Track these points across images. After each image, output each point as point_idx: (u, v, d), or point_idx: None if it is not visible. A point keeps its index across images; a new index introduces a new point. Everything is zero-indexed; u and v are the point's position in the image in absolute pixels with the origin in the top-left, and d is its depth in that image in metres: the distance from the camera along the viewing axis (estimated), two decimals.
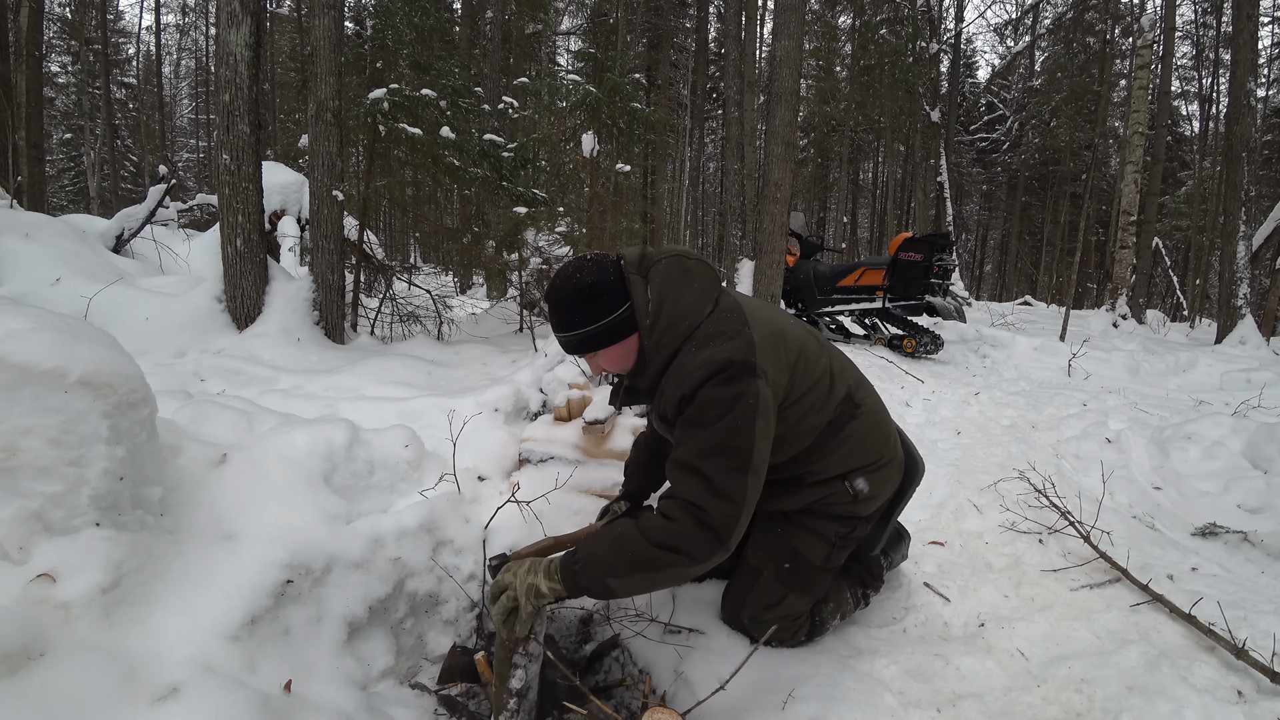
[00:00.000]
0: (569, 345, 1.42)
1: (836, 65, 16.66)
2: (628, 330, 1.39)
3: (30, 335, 1.09)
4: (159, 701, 1.04)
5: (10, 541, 1.07)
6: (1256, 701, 1.46)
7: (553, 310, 1.42)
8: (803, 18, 4.97)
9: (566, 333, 1.40)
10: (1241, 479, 2.72)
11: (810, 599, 1.59)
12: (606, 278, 1.37)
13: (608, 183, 3.67)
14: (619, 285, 1.38)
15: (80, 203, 19.77)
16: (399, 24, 5.21)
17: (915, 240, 5.41)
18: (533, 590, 1.28)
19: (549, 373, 2.61)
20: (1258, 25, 7.97)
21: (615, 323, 1.38)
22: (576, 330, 1.38)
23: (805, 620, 1.61)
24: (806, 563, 1.56)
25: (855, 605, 1.76)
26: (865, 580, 1.78)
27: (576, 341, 1.40)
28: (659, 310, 1.38)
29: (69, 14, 17.49)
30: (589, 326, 1.37)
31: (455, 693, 1.45)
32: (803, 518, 1.57)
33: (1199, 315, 12.65)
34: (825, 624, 1.65)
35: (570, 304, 1.37)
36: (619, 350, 1.42)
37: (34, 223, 4.06)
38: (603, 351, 1.42)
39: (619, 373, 1.49)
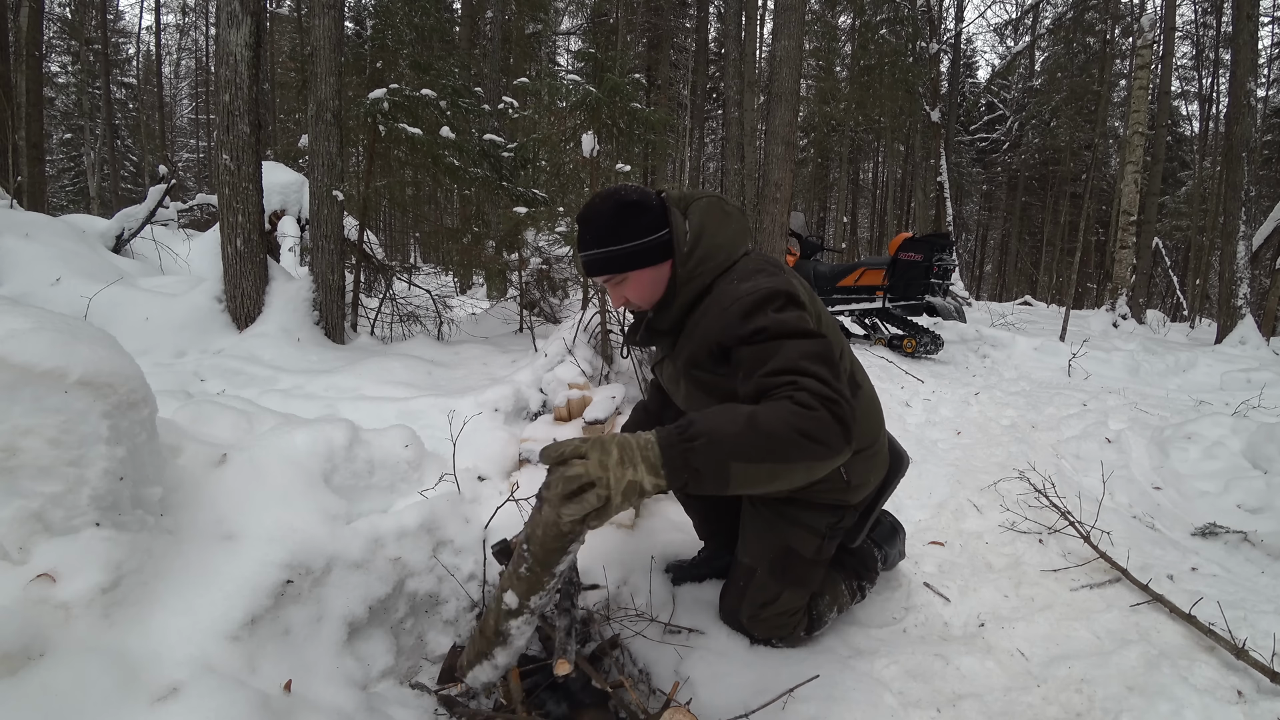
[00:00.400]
0: (599, 264, 1.35)
1: (836, 65, 16.66)
2: (662, 256, 1.36)
3: (30, 335, 1.09)
4: (159, 701, 1.04)
5: (10, 541, 1.07)
6: (1256, 701, 1.46)
7: (588, 225, 1.35)
8: (803, 18, 4.97)
9: (600, 249, 1.34)
10: (1241, 479, 2.72)
11: (806, 593, 1.59)
12: (649, 199, 1.36)
13: (608, 183, 3.67)
14: (660, 210, 1.37)
15: (80, 203, 19.77)
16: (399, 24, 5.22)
17: (915, 240, 5.41)
18: (635, 489, 0.99)
19: (549, 373, 2.61)
20: (1258, 25, 7.97)
21: (652, 244, 1.34)
22: (611, 246, 1.32)
23: (803, 615, 1.61)
24: (798, 557, 1.55)
25: (852, 598, 1.75)
26: (859, 572, 1.78)
27: (607, 259, 1.34)
28: (697, 240, 1.36)
29: (69, 14, 17.49)
30: (626, 244, 1.32)
31: (455, 693, 1.44)
32: (792, 510, 1.55)
33: (1199, 315, 12.66)
34: (823, 617, 1.65)
35: (610, 218, 1.32)
36: (650, 275, 1.37)
37: (34, 223, 4.06)
38: (633, 275, 1.36)
39: (642, 305, 1.42)
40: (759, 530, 1.59)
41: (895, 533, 1.96)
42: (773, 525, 1.58)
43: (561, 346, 2.91)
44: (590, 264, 1.37)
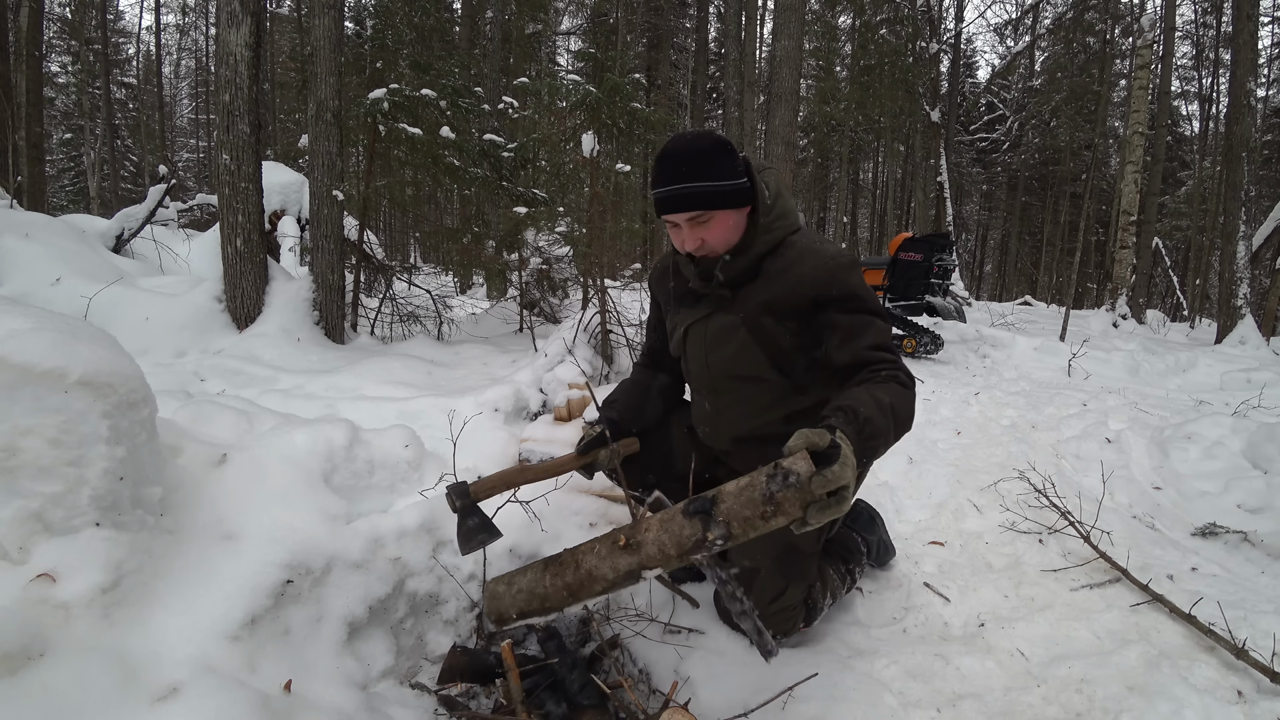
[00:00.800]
0: (689, 198, 1.32)
1: (836, 65, 16.66)
2: (745, 200, 1.37)
3: (30, 335, 1.09)
4: (159, 701, 1.04)
5: (10, 541, 1.07)
6: (1256, 701, 1.46)
7: (680, 159, 1.32)
8: (803, 18, 4.98)
9: (695, 182, 1.31)
10: (1241, 479, 2.72)
11: (805, 584, 1.60)
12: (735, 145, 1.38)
13: (608, 183, 3.67)
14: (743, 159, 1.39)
15: (80, 203, 19.77)
16: (399, 24, 5.22)
17: (915, 240, 5.41)
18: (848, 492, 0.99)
19: (549, 373, 2.61)
20: (1258, 25, 7.97)
21: (740, 188, 1.35)
22: (707, 181, 1.31)
23: (802, 608, 1.61)
24: (798, 550, 1.57)
25: (843, 583, 1.76)
26: (845, 556, 1.79)
27: (700, 195, 1.32)
28: (777, 197, 1.42)
29: (69, 14, 17.49)
30: (721, 181, 1.32)
31: (455, 693, 1.44)
32: None
33: (1199, 315, 12.66)
34: (818, 606, 1.66)
35: (708, 153, 1.31)
36: (733, 219, 1.37)
37: (34, 223, 4.06)
38: (719, 214, 1.35)
39: (716, 249, 1.41)
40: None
41: (874, 520, 1.99)
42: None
43: (561, 346, 2.91)
44: (678, 198, 1.33)
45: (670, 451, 1.69)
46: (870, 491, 2.46)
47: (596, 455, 1.58)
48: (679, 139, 1.36)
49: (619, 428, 1.64)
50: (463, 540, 1.40)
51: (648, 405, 1.71)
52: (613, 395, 1.73)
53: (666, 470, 1.68)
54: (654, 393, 1.73)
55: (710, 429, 1.62)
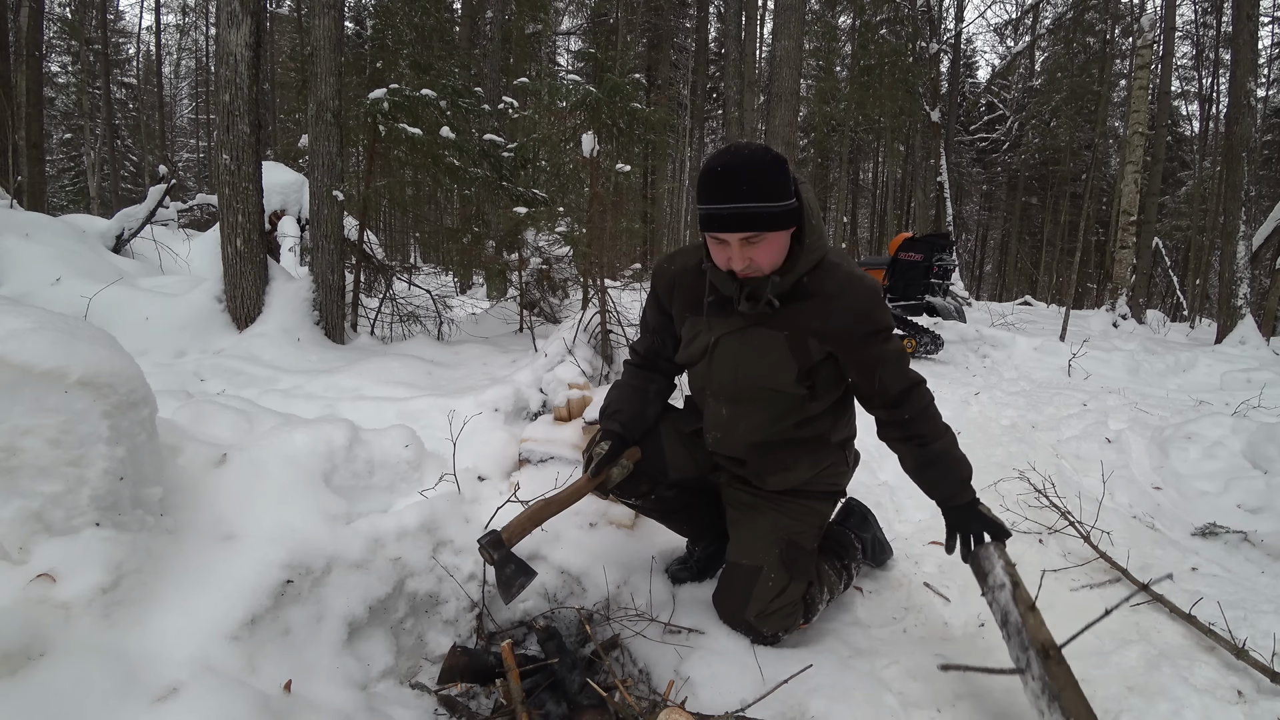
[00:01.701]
0: (747, 219, 1.28)
1: (836, 65, 16.66)
2: (793, 221, 1.35)
3: (30, 335, 1.09)
4: (159, 701, 1.04)
5: (10, 541, 1.07)
6: (1256, 701, 1.46)
7: (743, 173, 1.27)
8: (803, 18, 4.98)
9: (753, 203, 1.27)
10: (1241, 479, 2.72)
11: (805, 581, 1.61)
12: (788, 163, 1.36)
13: (608, 183, 3.67)
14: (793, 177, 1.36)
15: (80, 203, 19.77)
16: (399, 24, 5.22)
17: (915, 240, 5.41)
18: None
19: (549, 373, 2.61)
20: (1258, 25, 7.97)
21: (792, 209, 1.33)
22: (765, 202, 1.28)
23: (802, 604, 1.62)
24: (800, 547, 1.59)
25: (840, 579, 1.77)
26: (839, 553, 1.79)
27: (758, 216, 1.28)
28: (816, 216, 1.40)
29: (69, 14, 17.48)
30: (779, 202, 1.29)
31: (455, 693, 1.45)
32: (796, 502, 1.61)
33: (1199, 315, 12.66)
34: (816, 602, 1.66)
35: (766, 173, 1.27)
36: (783, 239, 1.35)
37: (34, 223, 4.06)
38: (770, 236, 1.32)
39: (764, 269, 1.37)
40: (760, 530, 1.60)
41: (866, 519, 2.00)
42: (776, 522, 1.60)
43: (561, 346, 2.91)
44: (735, 218, 1.29)
45: (663, 460, 1.67)
46: (870, 491, 2.46)
47: (609, 474, 1.58)
48: (736, 153, 1.30)
49: (624, 439, 1.63)
50: (504, 588, 1.42)
51: (648, 410, 1.69)
52: (612, 404, 1.68)
53: (660, 478, 1.68)
54: (651, 396, 1.71)
55: (723, 434, 1.60)
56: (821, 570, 1.71)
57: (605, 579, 1.78)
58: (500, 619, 1.72)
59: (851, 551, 1.83)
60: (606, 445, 1.58)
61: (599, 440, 1.61)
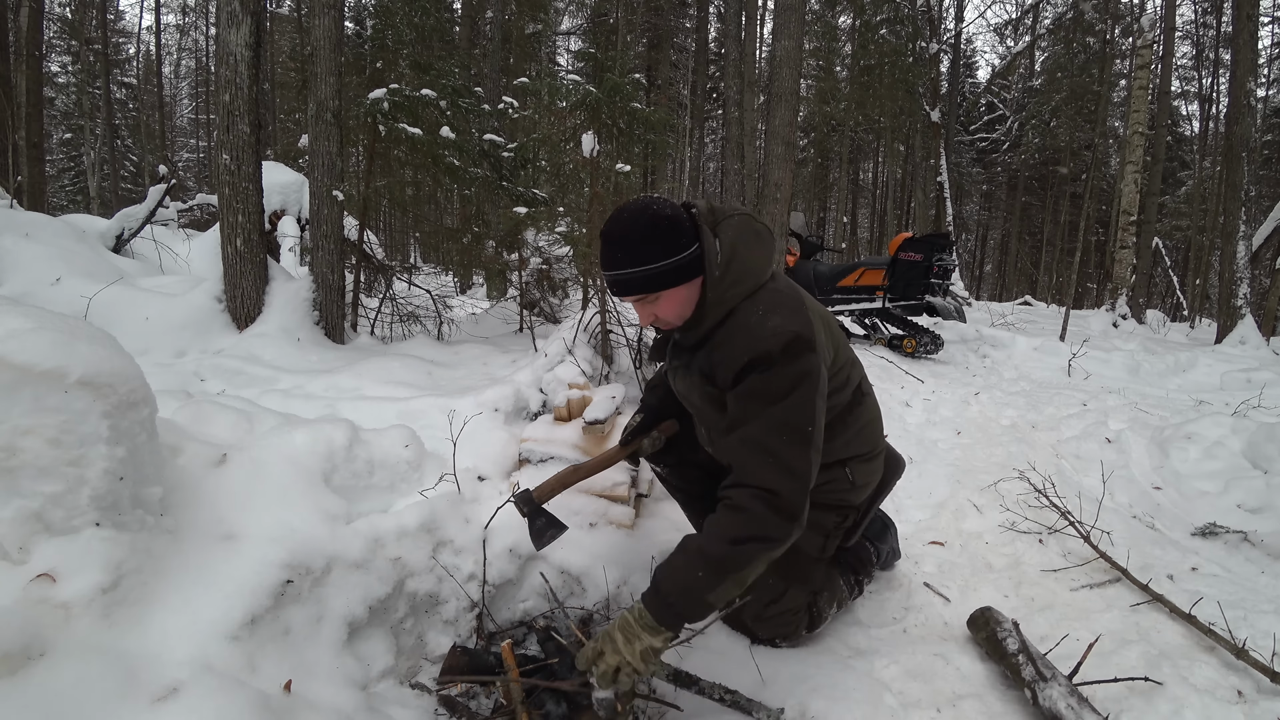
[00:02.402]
0: (632, 283, 1.31)
1: (836, 65, 16.65)
2: (694, 273, 1.33)
3: (30, 335, 1.09)
4: (159, 701, 1.04)
5: (10, 541, 1.07)
6: (1256, 701, 1.46)
7: (618, 242, 1.30)
8: (803, 18, 4.98)
9: (635, 268, 1.29)
10: (1241, 479, 2.72)
11: (808, 590, 1.60)
12: (680, 215, 1.33)
13: (608, 183, 3.66)
14: (692, 226, 1.34)
15: (80, 203, 19.76)
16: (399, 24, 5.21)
17: (915, 240, 5.40)
18: (650, 653, 1.24)
19: (549, 373, 2.61)
20: (1258, 25, 7.97)
21: (685, 262, 1.31)
22: (646, 265, 1.29)
23: (804, 613, 1.61)
24: (803, 555, 1.57)
25: (850, 593, 1.76)
26: (856, 568, 1.79)
27: (643, 279, 1.30)
28: (729, 262, 1.34)
29: (69, 14, 17.48)
30: (662, 262, 1.29)
31: (455, 693, 1.45)
32: None
33: (1199, 315, 12.65)
34: (823, 614, 1.66)
35: (646, 235, 1.28)
36: (683, 294, 1.35)
37: (34, 223, 4.05)
38: (666, 294, 1.33)
39: (672, 323, 1.40)
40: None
41: (886, 529, 1.99)
42: None
43: (561, 346, 2.91)
44: (621, 284, 1.32)
45: (695, 437, 1.70)
46: None
47: (640, 444, 1.65)
48: (617, 219, 1.32)
49: (659, 412, 1.70)
50: (536, 537, 1.54)
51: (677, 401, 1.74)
52: (656, 378, 1.77)
53: (688, 453, 1.72)
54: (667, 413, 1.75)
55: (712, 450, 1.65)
56: (834, 582, 1.70)
57: (605, 579, 1.78)
58: (500, 619, 1.72)
59: (868, 568, 1.83)
60: (639, 418, 1.68)
61: (635, 413, 1.71)
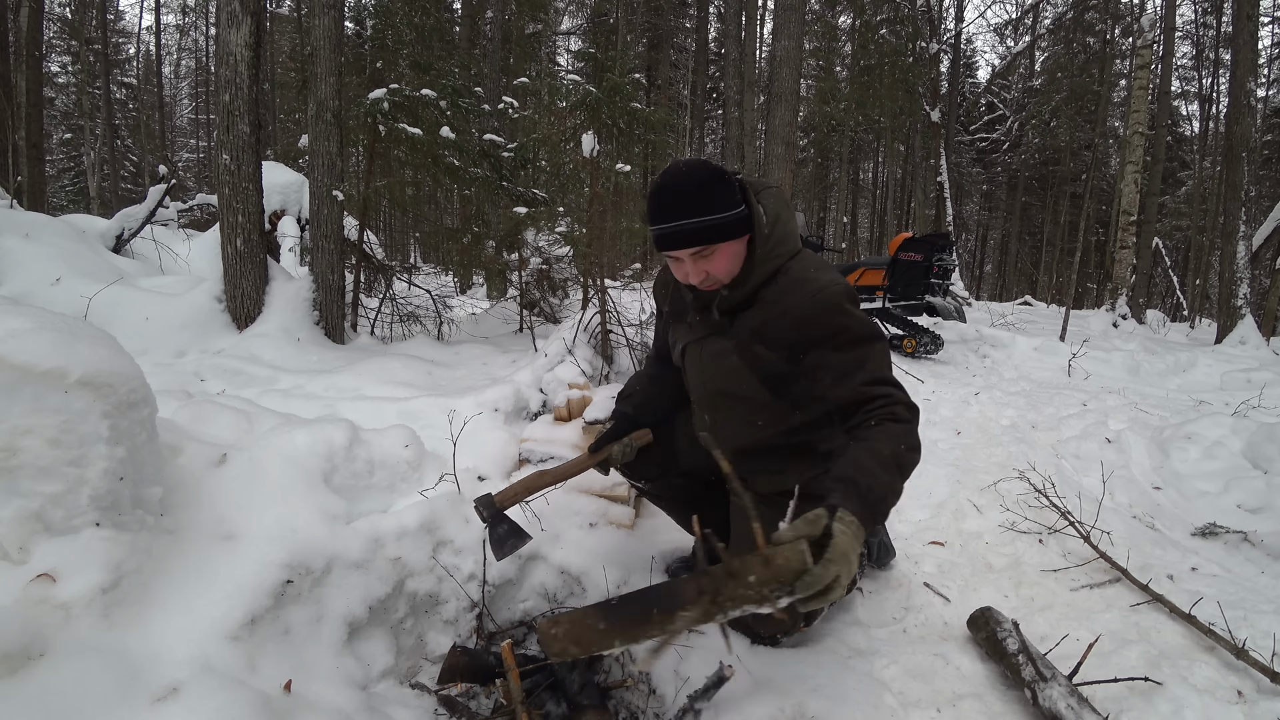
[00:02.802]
0: (696, 233, 1.31)
1: (836, 65, 16.66)
2: (744, 230, 1.36)
3: (30, 335, 1.09)
4: (159, 701, 1.04)
5: (10, 541, 1.07)
6: (1256, 701, 1.46)
7: (676, 194, 1.30)
8: (803, 18, 4.98)
9: (693, 218, 1.30)
10: (1241, 479, 2.72)
11: None
12: (730, 174, 1.37)
13: (608, 183, 3.66)
14: (739, 186, 1.38)
15: (80, 203, 19.76)
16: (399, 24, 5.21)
17: (915, 240, 5.41)
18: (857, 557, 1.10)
19: (549, 373, 2.61)
20: (1258, 25, 7.97)
21: (739, 217, 1.34)
22: (705, 216, 1.30)
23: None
24: None
25: None
26: None
27: (706, 228, 1.31)
28: (775, 223, 1.40)
29: (69, 14, 17.49)
30: (719, 214, 1.31)
31: (455, 693, 1.45)
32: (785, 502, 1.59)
33: (1199, 315, 12.66)
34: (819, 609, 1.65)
35: (704, 187, 1.30)
36: (735, 249, 1.36)
37: (34, 223, 4.06)
38: (721, 247, 1.34)
39: (721, 280, 1.40)
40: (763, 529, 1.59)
41: None
42: (772, 519, 1.59)
43: (561, 346, 2.91)
44: (681, 234, 1.32)
45: (675, 448, 1.70)
46: None
47: (610, 451, 1.62)
48: (674, 172, 1.34)
49: (634, 421, 1.68)
50: (495, 546, 1.49)
51: (664, 398, 1.73)
52: (628, 388, 1.75)
53: (670, 464, 1.70)
54: (669, 386, 1.74)
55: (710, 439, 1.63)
56: None
57: (605, 579, 1.78)
58: (500, 619, 1.72)
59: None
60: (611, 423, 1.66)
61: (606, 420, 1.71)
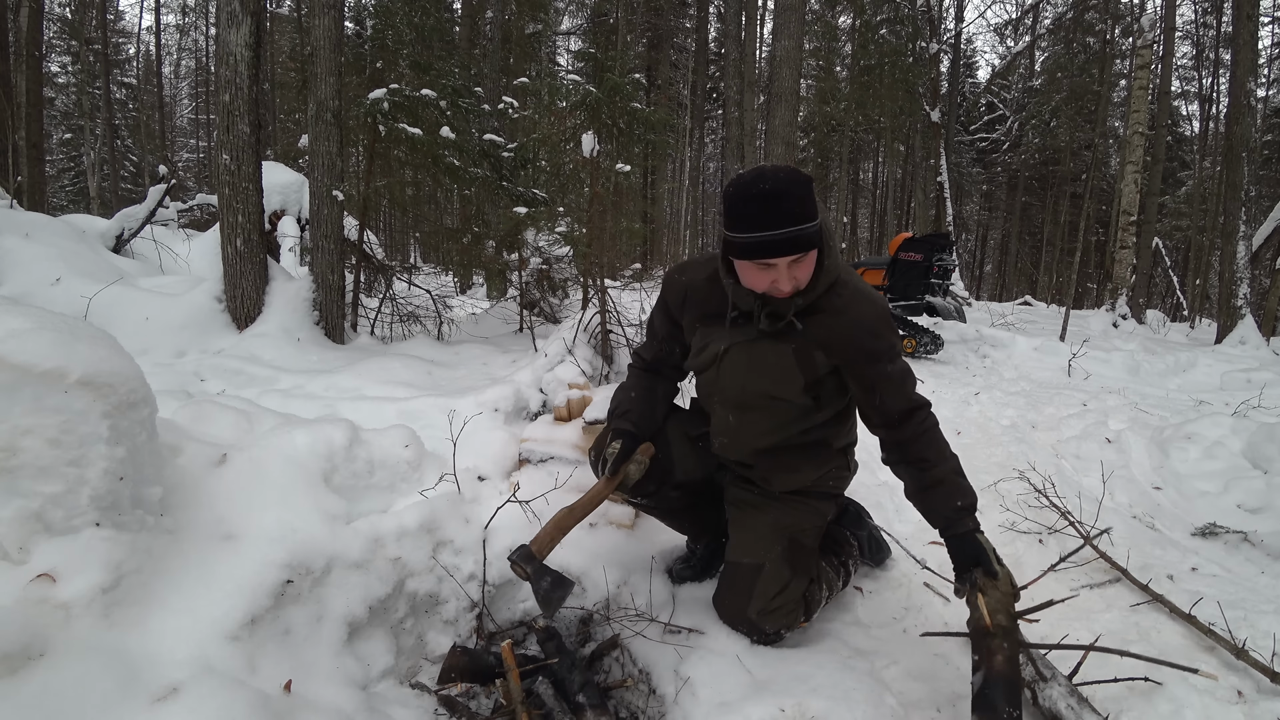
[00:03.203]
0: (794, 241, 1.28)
1: (836, 65, 16.66)
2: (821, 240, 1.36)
3: (30, 335, 1.09)
4: (159, 701, 1.04)
5: (10, 541, 1.07)
6: (1256, 701, 1.46)
7: (780, 199, 1.27)
8: (803, 18, 4.98)
9: (800, 225, 1.28)
10: (1241, 479, 2.72)
11: (807, 579, 1.62)
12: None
13: (608, 183, 3.67)
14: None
15: (80, 203, 19.76)
16: (399, 24, 5.20)
17: (915, 240, 5.41)
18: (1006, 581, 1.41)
19: (549, 373, 2.61)
20: (1258, 25, 7.98)
21: (822, 224, 1.35)
22: (809, 223, 1.29)
23: (803, 601, 1.62)
24: (801, 544, 1.60)
25: (838, 575, 1.78)
26: (836, 550, 1.82)
27: (804, 236, 1.29)
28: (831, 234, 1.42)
29: (69, 14, 17.49)
30: (815, 221, 1.31)
31: (455, 693, 1.45)
32: (794, 500, 1.63)
33: (1199, 315, 12.66)
34: (816, 599, 1.68)
35: (803, 194, 1.28)
36: (816, 256, 1.37)
37: (34, 223, 4.06)
38: (811, 253, 1.33)
39: (802, 286, 1.38)
40: (762, 528, 1.61)
41: (860, 516, 2.02)
42: (778, 520, 1.61)
43: (561, 346, 2.91)
44: (786, 241, 1.29)
45: (670, 461, 1.69)
46: (870, 491, 2.46)
47: (626, 472, 1.58)
48: (774, 178, 1.29)
49: (636, 437, 1.63)
50: (543, 604, 1.39)
51: (656, 410, 1.71)
52: (621, 405, 1.69)
53: (666, 478, 1.69)
54: (659, 398, 1.74)
55: (730, 440, 1.63)
56: (821, 568, 1.72)
57: (605, 579, 1.78)
58: (500, 619, 1.72)
59: (848, 548, 1.86)
60: (618, 445, 1.58)
61: (610, 441, 1.61)
